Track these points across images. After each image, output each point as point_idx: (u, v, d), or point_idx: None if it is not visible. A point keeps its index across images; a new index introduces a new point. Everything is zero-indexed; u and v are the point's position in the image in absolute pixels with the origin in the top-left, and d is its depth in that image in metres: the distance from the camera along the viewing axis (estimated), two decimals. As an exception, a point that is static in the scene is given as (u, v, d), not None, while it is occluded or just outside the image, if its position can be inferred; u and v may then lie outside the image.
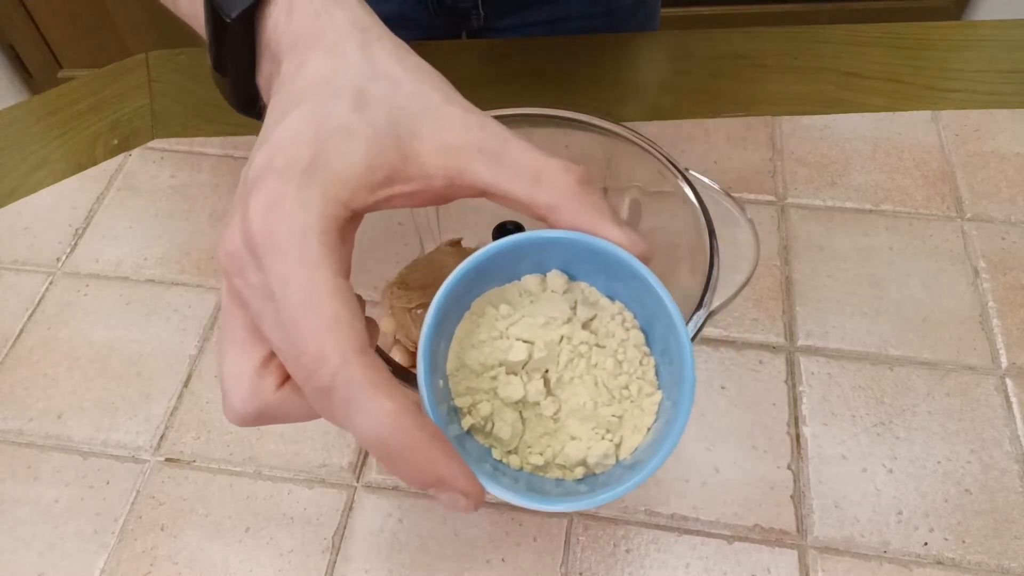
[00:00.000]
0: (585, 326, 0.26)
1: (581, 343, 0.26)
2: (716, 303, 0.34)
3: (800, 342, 0.48)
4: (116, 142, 0.60)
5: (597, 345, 0.26)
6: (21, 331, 0.50)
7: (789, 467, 0.43)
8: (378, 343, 0.33)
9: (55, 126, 0.62)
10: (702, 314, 0.33)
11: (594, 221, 0.25)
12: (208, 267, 0.53)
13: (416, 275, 0.39)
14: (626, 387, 0.26)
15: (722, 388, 0.46)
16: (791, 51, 0.64)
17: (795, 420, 0.45)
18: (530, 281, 0.26)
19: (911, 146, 0.57)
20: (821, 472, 0.43)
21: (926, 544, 0.40)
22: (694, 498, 0.42)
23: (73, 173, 0.58)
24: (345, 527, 0.42)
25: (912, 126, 0.58)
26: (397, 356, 0.40)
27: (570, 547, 0.41)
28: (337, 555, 0.41)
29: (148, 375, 0.48)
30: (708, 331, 0.48)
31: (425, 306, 0.38)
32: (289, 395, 0.24)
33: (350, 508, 0.42)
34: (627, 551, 0.41)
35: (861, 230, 0.53)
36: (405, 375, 0.32)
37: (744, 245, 0.36)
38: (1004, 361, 0.46)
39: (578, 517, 0.42)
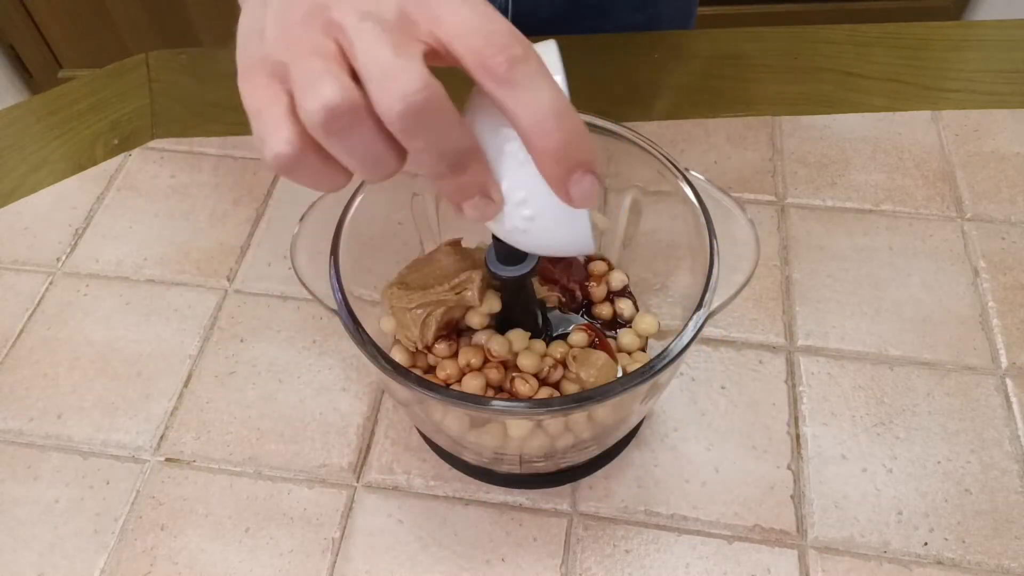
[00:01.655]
0: None
1: None
2: (716, 303, 0.34)
3: (800, 342, 0.48)
4: (116, 142, 0.60)
5: None
6: (21, 331, 0.50)
7: (789, 467, 0.43)
8: (378, 343, 0.33)
9: (55, 126, 0.62)
10: (702, 314, 0.33)
11: None
12: (208, 267, 0.53)
13: (416, 275, 0.39)
14: None
15: (722, 388, 0.46)
16: (791, 51, 0.64)
17: (795, 420, 0.45)
18: None
19: (911, 146, 0.57)
20: (821, 472, 0.43)
21: (926, 544, 0.40)
22: (694, 498, 0.42)
23: (73, 173, 0.58)
24: (345, 527, 0.42)
25: (912, 126, 0.58)
26: (397, 356, 0.40)
27: (570, 547, 0.41)
28: (337, 555, 0.41)
29: (148, 375, 0.48)
30: (708, 331, 0.48)
31: (425, 306, 0.38)
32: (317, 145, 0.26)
33: (350, 508, 0.42)
34: (627, 551, 0.41)
35: (861, 230, 0.53)
36: (406, 374, 0.32)
37: (744, 245, 0.36)
38: (1004, 361, 0.46)
39: (578, 517, 0.42)
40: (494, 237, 0.34)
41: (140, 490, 0.44)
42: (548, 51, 0.28)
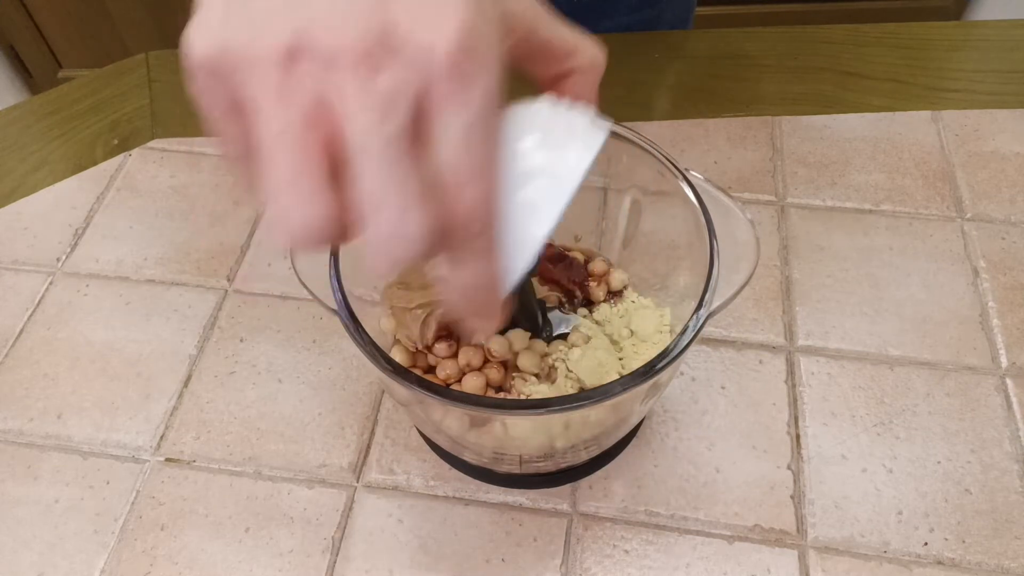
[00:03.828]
0: None
1: None
2: (716, 303, 0.34)
3: (800, 342, 0.48)
4: (116, 142, 0.60)
5: None
6: (21, 331, 0.50)
7: (789, 467, 0.43)
8: (378, 343, 0.33)
9: (55, 126, 0.62)
10: (702, 314, 0.33)
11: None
12: (208, 267, 0.53)
13: (416, 275, 0.39)
14: None
15: (722, 388, 0.46)
16: (791, 51, 0.64)
17: (795, 420, 0.45)
18: None
19: (911, 146, 0.57)
20: (821, 472, 0.43)
21: (926, 544, 0.40)
22: (694, 498, 0.42)
23: (73, 173, 0.58)
24: (345, 527, 0.42)
25: (912, 126, 0.58)
26: (397, 356, 0.40)
27: (570, 547, 0.41)
28: (337, 555, 0.41)
29: (148, 375, 0.48)
30: (708, 331, 0.48)
31: (425, 306, 0.38)
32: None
33: (350, 508, 0.42)
34: (627, 551, 0.41)
35: (861, 230, 0.53)
36: (406, 375, 0.32)
37: (744, 245, 0.36)
38: (1004, 361, 0.46)
39: (578, 517, 0.42)
40: None
41: (140, 490, 0.44)
42: (592, 143, 0.27)
